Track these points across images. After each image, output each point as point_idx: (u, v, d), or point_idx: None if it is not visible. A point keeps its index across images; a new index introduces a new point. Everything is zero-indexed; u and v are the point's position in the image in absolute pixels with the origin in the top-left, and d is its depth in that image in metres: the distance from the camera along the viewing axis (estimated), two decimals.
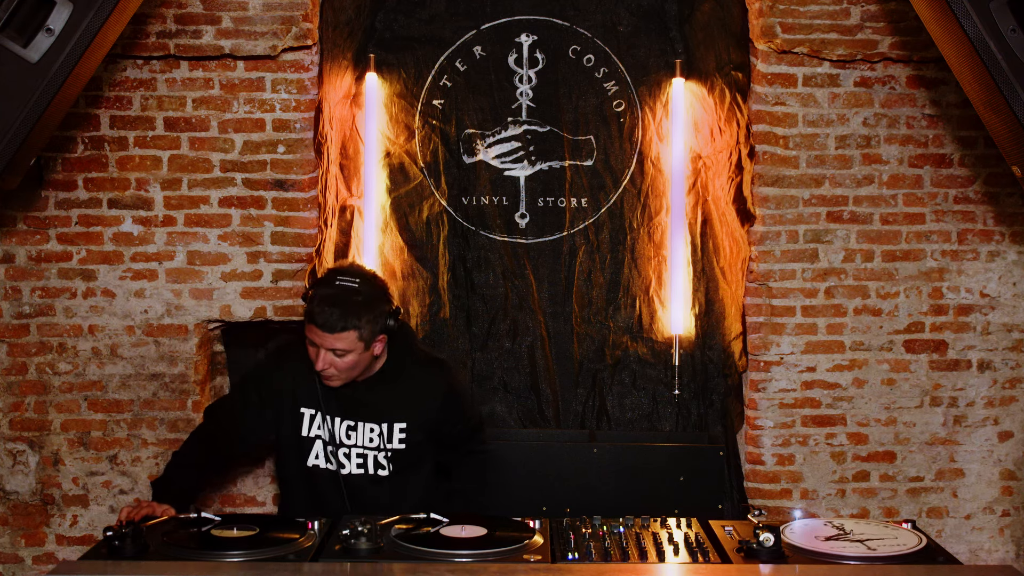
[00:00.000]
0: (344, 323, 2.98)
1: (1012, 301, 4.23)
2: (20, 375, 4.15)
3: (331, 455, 3.20)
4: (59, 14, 2.85)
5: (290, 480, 3.31)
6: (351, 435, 3.20)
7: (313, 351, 3.05)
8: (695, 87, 4.35)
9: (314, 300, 3.01)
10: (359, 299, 3.01)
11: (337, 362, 3.04)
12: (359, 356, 3.05)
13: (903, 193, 4.19)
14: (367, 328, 3.02)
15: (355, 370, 3.10)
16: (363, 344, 3.04)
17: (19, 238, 4.13)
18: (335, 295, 3.00)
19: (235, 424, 3.28)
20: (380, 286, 3.15)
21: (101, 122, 4.10)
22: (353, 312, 2.99)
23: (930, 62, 4.10)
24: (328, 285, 3.05)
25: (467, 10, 4.37)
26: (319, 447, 3.21)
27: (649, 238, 4.41)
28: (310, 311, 3.01)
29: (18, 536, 4.19)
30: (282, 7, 4.00)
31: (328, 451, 3.20)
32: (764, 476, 4.25)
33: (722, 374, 4.37)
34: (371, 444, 3.20)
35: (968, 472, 4.27)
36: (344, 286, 3.02)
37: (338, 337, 2.99)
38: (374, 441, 3.20)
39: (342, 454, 3.20)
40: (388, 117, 4.40)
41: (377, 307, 3.06)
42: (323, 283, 3.08)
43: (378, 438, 3.20)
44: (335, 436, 3.20)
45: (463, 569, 2.58)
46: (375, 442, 3.20)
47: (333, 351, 3.01)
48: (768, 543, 2.66)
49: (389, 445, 3.20)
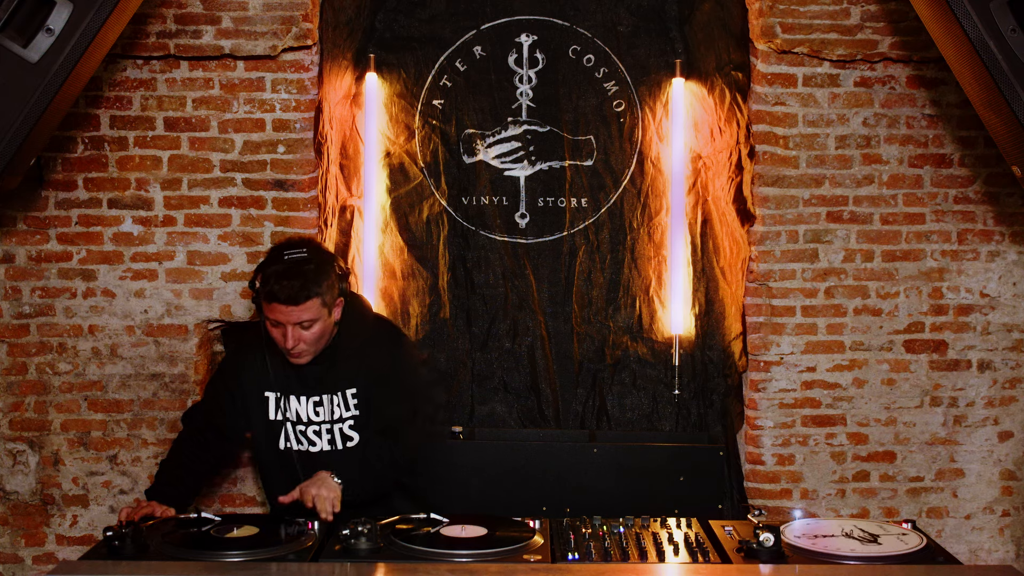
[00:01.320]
0: (307, 292, 2.99)
1: (1012, 301, 4.23)
2: (20, 375, 4.15)
3: (300, 435, 3.22)
4: (59, 14, 2.85)
5: (268, 465, 3.32)
6: (318, 411, 3.21)
7: (279, 332, 3.05)
8: (695, 87, 4.35)
9: (270, 280, 3.00)
10: (312, 267, 3.02)
11: (305, 335, 3.04)
12: (324, 324, 3.07)
13: (903, 193, 4.19)
14: (328, 293, 3.05)
15: (322, 340, 3.11)
16: (327, 310, 3.06)
17: (19, 238, 4.13)
18: (289, 268, 3.00)
19: (214, 423, 3.30)
20: (325, 251, 3.18)
21: (101, 122, 4.10)
22: (312, 279, 3.00)
23: (930, 62, 4.10)
24: (278, 262, 3.03)
25: (467, 10, 4.37)
26: (288, 428, 3.22)
27: (649, 238, 4.41)
28: (270, 291, 2.99)
29: (18, 536, 4.19)
30: (282, 7, 4.00)
31: (298, 431, 3.22)
32: (764, 476, 4.25)
33: (722, 374, 4.37)
34: (335, 416, 3.21)
35: (968, 472, 4.27)
36: (294, 258, 3.03)
37: (304, 308, 2.99)
38: (335, 412, 3.21)
39: (311, 432, 3.22)
40: (388, 117, 4.40)
41: (331, 271, 3.08)
42: (271, 261, 3.07)
43: (338, 408, 3.21)
44: (300, 415, 3.21)
45: (463, 569, 2.58)
46: (336, 413, 3.21)
47: (300, 324, 3.02)
48: (768, 543, 2.67)
49: (348, 413, 3.22)
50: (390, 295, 4.41)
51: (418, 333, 4.38)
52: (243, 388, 3.25)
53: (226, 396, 3.28)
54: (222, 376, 3.37)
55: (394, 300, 4.41)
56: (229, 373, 3.33)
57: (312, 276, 3.01)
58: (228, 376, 3.32)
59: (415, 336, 4.38)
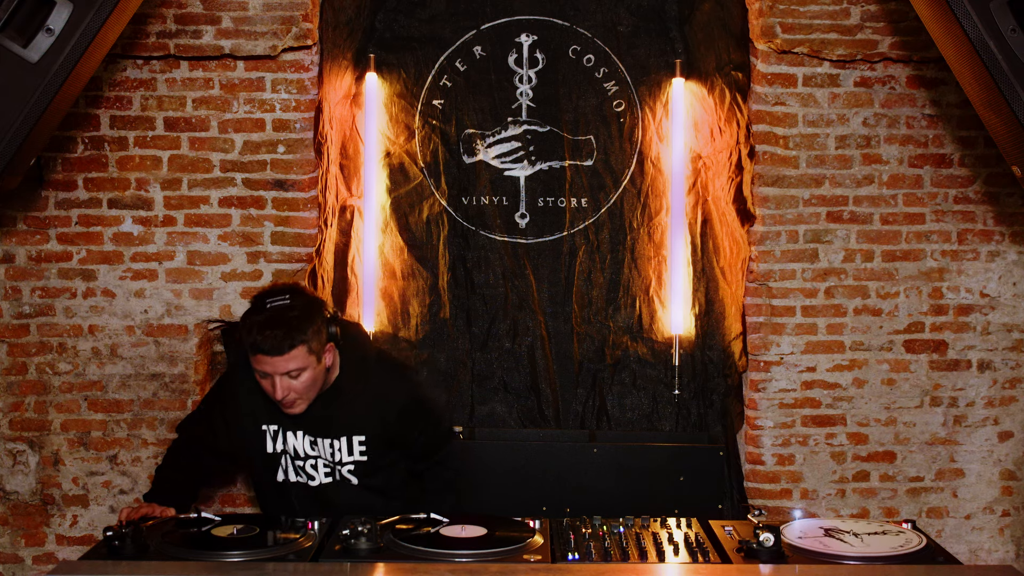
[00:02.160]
0: (291, 340, 2.89)
1: (1012, 301, 4.23)
2: (20, 375, 4.15)
3: (299, 469, 3.18)
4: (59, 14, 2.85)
5: (266, 494, 3.29)
6: (315, 447, 3.16)
7: (267, 383, 2.97)
8: (695, 87, 4.35)
9: (252, 330, 2.90)
10: (296, 314, 2.92)
11: (295, 385, 2.95)
12: (314, 371, 2.97)
13: (903, 193, 4.19)
14: (314, 340, 2.94)
15: (314, 388, 3.02)
16: (315, 357, 2.95)
17: (19, 238, 4.13)
18: (272, 318, 2.90)
19: (207, 442, 3.26)
20: (310, 296, 3.07)
21: (101, 122, 4.10)
22: (296, 327, 2.90)
23: (930, 62, 4.10)
24: (260, 311, 2.94)
25: (467, 10, 4.37)
26: (286, 461, 3.18)
27: (649, 238, 4.41)
28: (254, 341, 2.89)
29: (18, 536, 4.19)
30: (282, 7, 4.00)
31: (296, 465, 3.18)
32: (764, 476, 4.25)
33: (722, 374, 4.37)
34: (334, 459, 3.17)
35: (968, 472, 4.27)
36: (277, 306, 2.93)
37: (290, 357, 2.90)
38: (335, 456, 3.16)
39: (309, 466, 3.18)
40: (388, 117, 4.40)
41: (316, 316, 2.97)
42: (254, 311, 2.96)
43: (339, 452, 3.16)
44: (298, 450, 3.16)
45: (463, 569, 2.58)
46: (336, 456, 3.16)
47: (287, 374, 2.93)
48: (768, 543, 2.66)
49: (350, 458, 3.16)
50: (390, 295, 4.41)
51: (418, 333, 4.38)
52: (240, 417, 3.18)
53: (222, 419, 3.22)
54: (219, 400, 3.27)
55: (394, 300, 4.41)
56: (227, 400, 3.23)
57: (296, 324, 2.90)
58: (226, 402, 3.23)
59: (415, 336, 4.38)
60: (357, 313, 4.37)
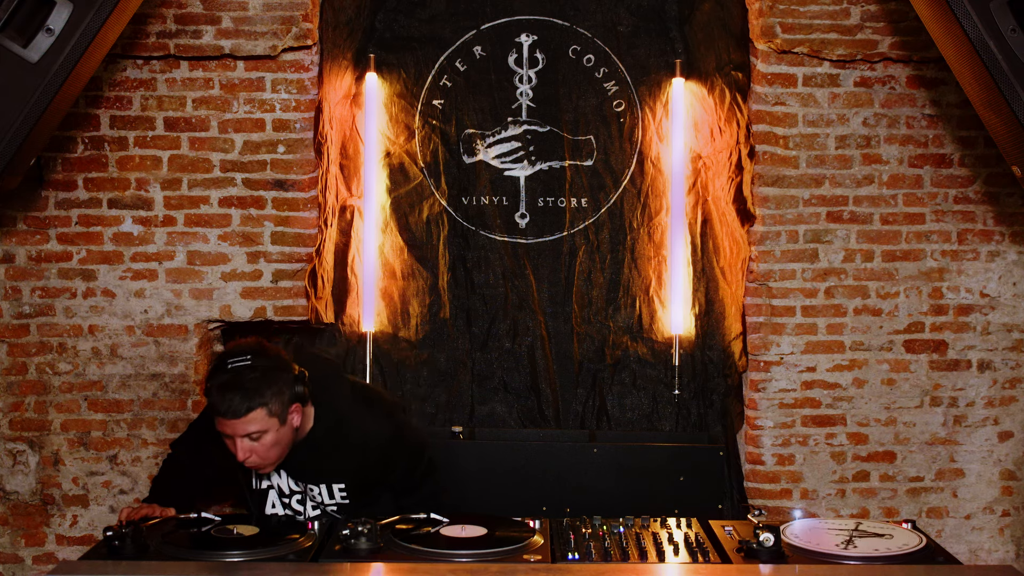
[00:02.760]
0: (249, 403, 2.81)
1: (1012, 301, 4.23)
2: (20, 375, 4.15)
3: (286, 505, 3.18)
4: (59, 14, 2.85)
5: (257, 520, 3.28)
6: (299, 484, 3.16)
7: (230, 443, 2.89)
8: (695, 87, 4.35)
9: (212, 392, 2.84)
10: (256, 375, 2.83)
11: (256, 447, 2.87)
12: (277, 433, 2.89)
13: (903, 193, 4.19)
14: (275, 401, 2.85)
15: (279, 448, 2.93)
16: (276, 420, 2.87)
17: (19, 238, 4.13)
18: (230, 380, 2.82)
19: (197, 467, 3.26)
20: (274, 356, 2.93)
21: (101, 122, 4.10)
22: (254, 390, 2.82)
23: (930, 62, 4.10)
24: (222, 372, 2.86)
25: (467, 10, 4.37)
26: (274, 496, 3.18)
27: (649, 238, 4.41)
28: (212, 403, 2.84)
29: (18, 536, 4.19)
30: (282, 7, 4.00)
31: (283, 501, 3.18)
32: (764, 476, 4.25)
33: (722, 374, 4.36)
34: (317, 500, 3.17)
35: (968, 472, 4.27)
36: (237, 367, 2.84)
37: (247, 420, 2.82)
38: (316, 498, 3.16)
39: (295, 501, 3.18)
40: (388, 117, 4.40)
41: (278, 377, 2.88)
42: (216, 371, 2.88)
43: (320, 496, 3.16)
44: (283, 488, 3.16)
45: (463, 569, 2.58)
46: (318, 499, 3.16)
47: (248, 436, 2.85)
48: (768, 543, 2.66)
49: (332, 500, 3.17)
50: (390, 295, 4.41)
51: (418, 333, 4.38)
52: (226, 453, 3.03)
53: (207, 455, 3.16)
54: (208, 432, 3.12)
55: (394, 300, 4.41)
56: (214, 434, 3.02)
57: (253, 386, 2.82)
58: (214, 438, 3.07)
59: (415, 336, 4.38)
60: (357, 313, 4.37)
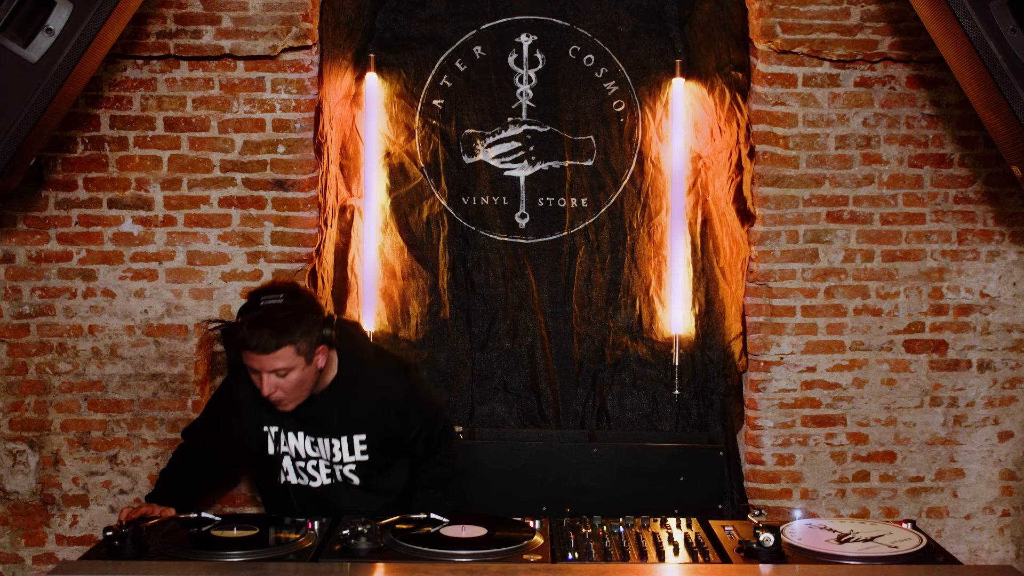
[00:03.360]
0: (277, 340, 2.90)
1: (1012, 301, 4.23)
2: (20, 375, 4.15)
3: (300, 470, 3.19)
4: (59, 14, 2.85)
5: (270, 497, 3.31)
6: (315, 448, 3.18)
7: (256, 378, 2.98)
8: (695, 87, 4.35)
9: (243, 327, 2.93)
10: (287, 313, 2.93)
11: (282, 383, 2.96)
12: (303, 372, 2.98)
13: (903, 193, 4.19)
14: (303, 340, 2.94)
15: (303, 387, 3.02)
16: (303, 358, 2.96)
17: (19, 238, 4.13)
18: (262, 316, 2.92)
19: (212, 446, 3.29)
20: (306, 297, 3.07)
21: (101, 122, 4.10)
22: (284, 327, 2.91)
23: (930, 62, 4.10)
24: (253, 309, 2.95)
25: (467, 10, 4.37)
26: (287, 464, 3.20)
27: (649, 238, 4.41)
28: (243, 338, 2.92)
29: (18, 536, 4.19)
30: (282, 7, 4.00)
31: (297, 466, 3.19)
32: (764, 476, 4.25)
33: (722, 374, 4.37)
34: (335, 459, 3.18)
35: (968, 472, 4.27)
36: (269, 305, 2.94)
37: (276, 356, 2.91)
38: (336, 456, 3.17)
39: (311, 467, 3.19)
40: (388, 117, 4.40)
41: (308, 318, 2.97)
42: (248, 308, 2.98)
43: (340, 452, 3.17)
44: (299, 451, 3.18)
45: (463, 569, 2.58)
46: (337, 456, 3.17)
47: (275, 372, 2.94)
48: (768, 543, 2.66)
49: (352, 458, 3.18)
50: (390, 295, 4.41)
51: (418, 333, 4.38)
52: (242, 420, 3.21)
53: (224, 426, 3.25)
54: (221, 404, 3.31)
55: (394, 300, 4.41)
56: (228, 403, 3.26)
57: (283, 324, 2.91)
58: (228, 406, 3.26)
59: (415, 336, 4.38)
60: (357, 313, 4.37)
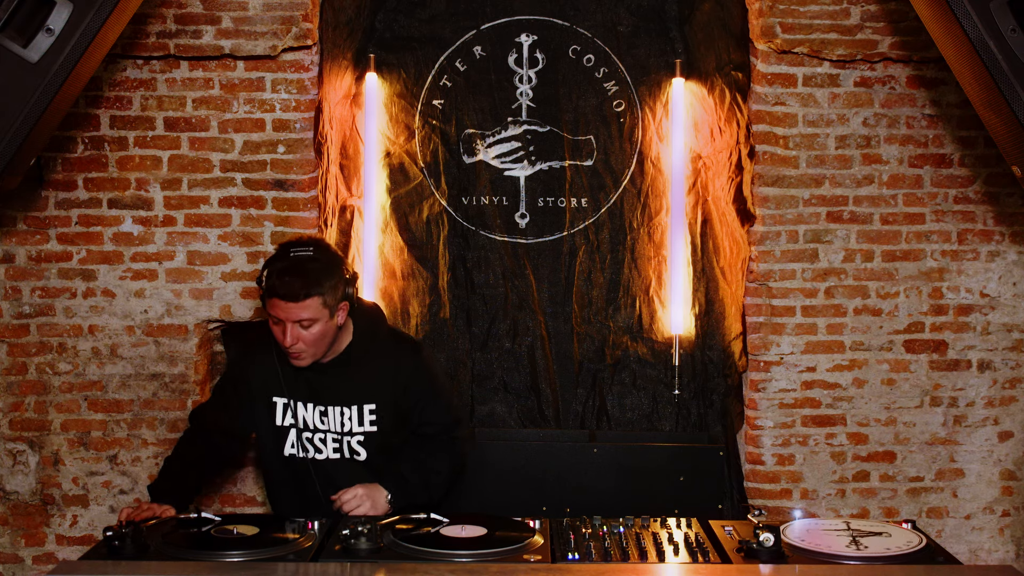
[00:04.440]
0: (307, 290, 2.97)
1: (1012, 301, 4.23)
2: (20, 375, 4.15)
3: (307, 441, 3.21)
4: (59, 14, 2.85)
5: (272, 471, 3.31)
6: (324, 420, 3.20)
7: (279, 329, 3.03)
8: (695, 87, 4.35)
9: (272, 275, 2.99)
10: (317, 266, 3.00)
11: (304, 335, 3.01)
12: (325, 325, 3.04)
13: (903, 193, 4.19)
14: (330, 294, 3.01)
15: (323, 342, 3.07)
16: (328, 311, 3.02)
17: (19, 238, 4.13)
18: (292, 265, 2.99)
19: (221, 424, 3.30)
20: (333, 253, 3.15)
21: (101, 122, 4.10)
22: (314, 278, 2.98)
23: (930, 62, 4.10)
24: (283, 259, 3.02)
25: (467, 10, 4.37)
26: (293, 436, 3.22)
27: (649, 238, 4.41)
28: (271, 285, 2.98)
29: (18, 536, 4.19)
30: (282, 7, 4.01)
31: (304, 438, 3.21)
32: (764, 476, 4.25)
33: (722, 374, 4.37)
34: (344, 429, 3.20)
35: (968, 472, 4.27)
36: (300, 255, 3.01)
37: (303, 306, 2.97)
38: (346, 425, 3.19)
39: (318, 439, 3.20)
40: (388, 117, 4.40)
41: (336, 272, 3.05)
42: (278, 258, 3.05)
43: (349, 422, 3.19)
44: (308, 422, 3.20)
45: (463, 569, 2.58)
46: (347, 426, 3.19)
47: (299, 323, 3.00)
48: (768, 543, 2.66)
49: (360, 428, 3.19)
50: (390, 295, 4.41)
51: (418, 333, 4.38)
52: (252, 390, 3.24)
53: (235, 397, 3.28)
54: (231, 377, 3.37)
55: (394, 300, 4.41)
56: (239, 374, 3.31)
57: (313, 275, 2.99)
58: (238, 377, 3.31)
59: (415, 336, 4.37)
60: None
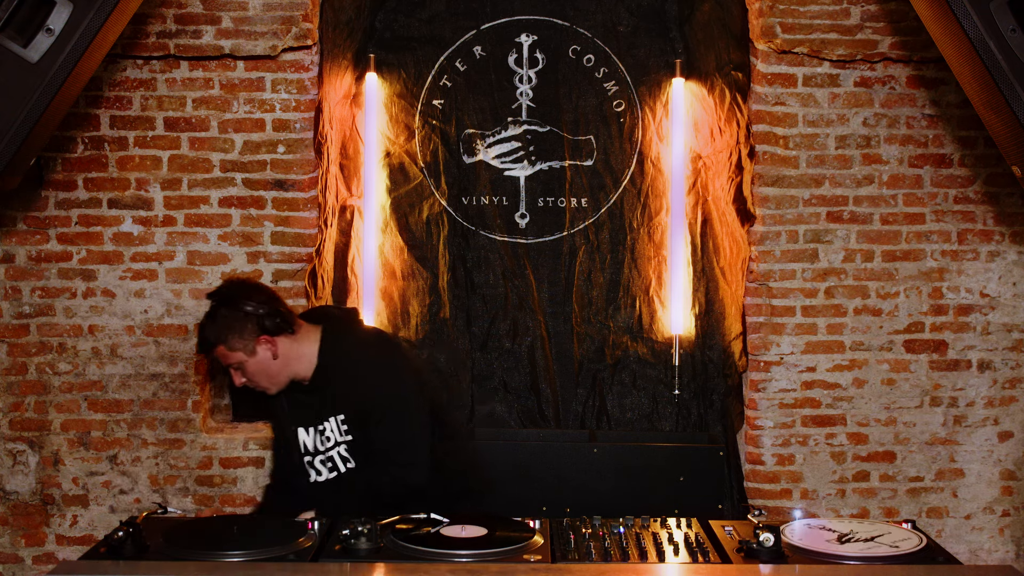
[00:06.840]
0: (211, 342, 3.05)
1: (1012, 301, 4.23)
2: (20, 375, 4.15)
3: (308, 465, 3.22)
4: (59, 14, 2.85)
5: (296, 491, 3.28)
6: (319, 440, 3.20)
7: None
8: (695, 87, 4.35)
9: None
10: (212, 316, 3.07)
11: (247, 374, 3.09)
12: (257, 363, 3.07)
13: (903, 193, 4.19)
14: (235, 338, 3.04)
15: (268, 374, 3.10)
16: (243, 352, 3.05)
17: (19, 238, 4.13)
18: (202, 321, 3.10)
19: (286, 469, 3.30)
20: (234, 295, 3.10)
21: (101, 122, 4.10)
22: (210, 331, 3.06)
23: (930, 62, 4.10)
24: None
25: (467, 10, 4.37)
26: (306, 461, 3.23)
27: (649, 238, 4.41)
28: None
29: (18, 536, 4.19)
30: (282, 7, 4.00)
31: (305, 462, 3.22)
32: (764, 476, 4.25)
33: (722, 374, 4.36)
34: (332, 440, 3.20)
35: (968, 472, 4.27)
36: (208, 310, 3.09)
37: (218, 355, 3.07)
38: (331, 438, 3.19)
39: (319, 461, 3.21)
40: (388, 117, 4.40)
41: (233, 315, 3.06)
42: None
43: (332, 435, 3.20)
44: (308, 447, 3.21)
45: (463, 569, 2.58)
46: (333, 438, 3.20)
47: (231, 367, 3.09)
48: (768, 543, 2.66)
49: (341, 438, 3.19)
50: (390, 295, 4.41)
51: (418, 333, 4.38)
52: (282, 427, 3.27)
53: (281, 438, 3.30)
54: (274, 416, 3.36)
55: (394, 300, 4.41)
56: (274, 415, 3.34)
57: (210, 327, 3.06)
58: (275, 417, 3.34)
59: (415, 336, 4.38)
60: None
